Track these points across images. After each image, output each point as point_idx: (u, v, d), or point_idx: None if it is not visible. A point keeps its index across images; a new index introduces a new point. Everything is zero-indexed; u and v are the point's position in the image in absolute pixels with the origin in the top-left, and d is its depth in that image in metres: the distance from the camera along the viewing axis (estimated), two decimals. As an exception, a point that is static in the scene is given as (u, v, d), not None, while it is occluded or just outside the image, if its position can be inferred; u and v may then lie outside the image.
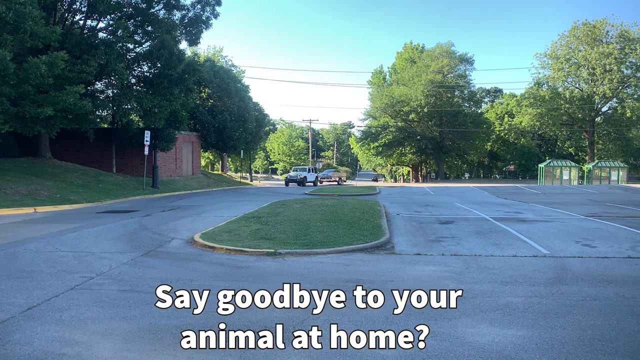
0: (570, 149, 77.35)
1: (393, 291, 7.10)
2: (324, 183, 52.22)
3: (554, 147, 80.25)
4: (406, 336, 5.24)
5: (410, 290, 7.16)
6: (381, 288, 7.26)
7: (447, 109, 67.63)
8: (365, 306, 6.34)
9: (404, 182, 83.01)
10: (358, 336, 5.25)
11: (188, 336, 5.17)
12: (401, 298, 6.73)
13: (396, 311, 6.13)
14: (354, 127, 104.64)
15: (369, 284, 7.46)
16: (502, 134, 79.56)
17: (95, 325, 5.53)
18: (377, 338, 5.20)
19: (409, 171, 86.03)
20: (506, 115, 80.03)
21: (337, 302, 6.53)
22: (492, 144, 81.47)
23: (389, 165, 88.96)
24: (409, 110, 66.66)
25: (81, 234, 12.23)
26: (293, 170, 48.56)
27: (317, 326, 5.55)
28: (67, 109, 20.92)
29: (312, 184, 46.78)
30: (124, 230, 13.00)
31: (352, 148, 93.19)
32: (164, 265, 8.80)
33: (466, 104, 73.58)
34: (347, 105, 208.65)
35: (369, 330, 5.42)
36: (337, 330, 5.42)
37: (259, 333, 5.33)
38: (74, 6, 26.59)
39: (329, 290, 7.13)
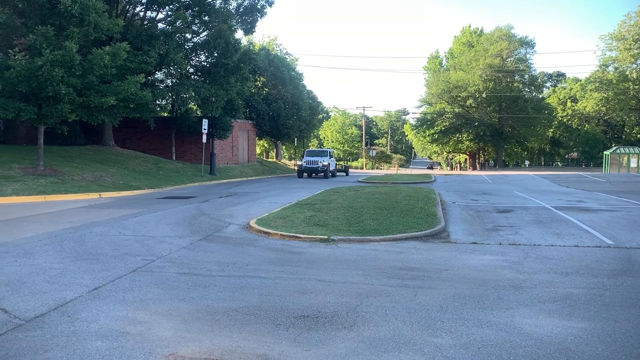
0: (638, 135, 73.28)
1: (448, 279, 7.01)
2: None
3: (621, 134, 76.18)
4: (461, 325, 5.17)
5: (465, 278, 7.07)
6: (436, 276, 7.18)
7: (507, 94, 65.44)
8: (418, 294, 6.29)
9: (460, 170, 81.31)
10: (412, 323, 5.23)
11: (243, 318, 5.32)
12: (456, 286, 6.64)
13: (451, 299, 6.05)
14: (408, 113, 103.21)
15: (423, 272, 7.39)
16: (564, 120, 76.33)
17: (155, 305, 5.76)
18: (432, 326, 5.15)
19: (466, 159, 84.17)
20: (569, 100, 76.64)
21: (390, 289, 6.52)
22: (554, 131, 78.33)
23: (445, 153, 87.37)
24: (466, 96, 65.01)
25: (143, 218, 12.72)
26: (309, 155, 34.35)
27: (370, 313, 5.57)
28: (128, 99, 21.68)
29: (331, 174, 34.23)
30: (183, 215, 13.42)
31: (407, 135, 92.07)
32: (221, 250, 9.03)
33: (526, 89, 70.88)
34: (402, 92, 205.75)
35: (423, 318, 5.38)
36: (390, 317, 5.41)
37: (312, 318, 5.40)
38: (135, -2, 27.45)
39: (382, 277, 7.13)
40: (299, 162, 34.45)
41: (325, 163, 32.04)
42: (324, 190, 20.14)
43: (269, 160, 56.77)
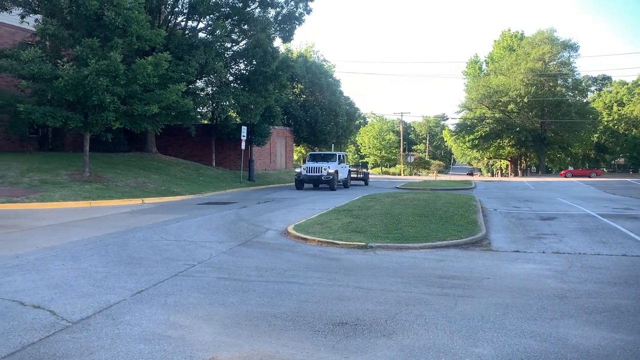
0: (691, 140, 70.12)
1: (489, 288, 6.86)
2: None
3: (672, 138, 73.06)
4: (503, 335, 5.05)
5: (507, 287, 6.90)
6: (476, 285, 7.04)
7: (549, 98, 63.76)
8: (458, 302, 6.18)
9: (501, 176, 79.66)
10: (452, 332, 5.14)
11: (282, 324, 5.34)
12: (497, 295, 6.49)
13: (492, 308, 5.91)
14: (447, 119, 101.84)
15: (464, 281, 7.26)
16: (610, 125, 73.80)
17: (196, 310, 5.85)
18: (472, 336, 5.05)
19: (507, 165, 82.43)
20: (615, 105, 74.10)
21: (430, 297, 6.43)
22: (599, 136, 75.78)
23: (485, 159, 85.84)
24: (507, 101, 63.71)
25: (184, 224, 12.96)
26: (312, 160, 27.58)
27: (409, 321, 5.50)
28: (170, 107, 22.18)
29: (342, 184, 27.60)
30: (223, 220, 13.61)
31: (446, 141, 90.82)
32: (259, 255, 9.10)
33: (570, 93, 68.90)
34: (441, 97, 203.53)
35: (463, 328, 5.28)
36: (430, 326, 5.33)
37: (351, 325, 5.37)
38: (176, 8, 28.11)
39: (421, 285, 7.04)
40: (297, 170, 26.63)
41: (332, 170, 25.17)
42: (362, 196, 20.08)
43: (307, 166, 56.96)
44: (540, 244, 10.20)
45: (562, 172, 61.82)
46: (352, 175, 30.99)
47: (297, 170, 26.82)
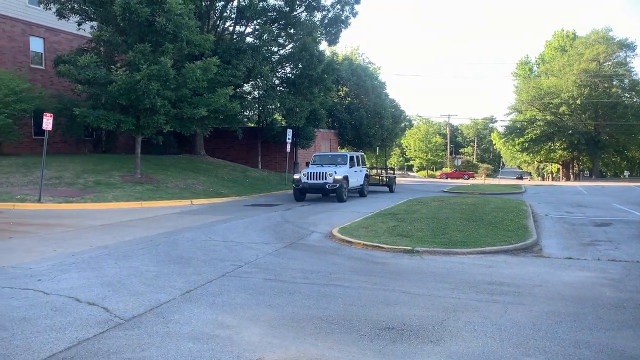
0: None
1: (541, 296, 6.65)
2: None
3: None
4: (556, 345, 4.88)
5: (560, 295, 6.67)
6: (527, 292, 6.84)
7: (604, 100, 61.34)
8: (508, 310, 6.01)
9: (552, 180, 77.24)
10: (502, 340, 5.00)
11: (328, 327, 5.34)
12: (549, 303, 6.28)
13: (545, 317, 5.72)
14: (496, 121, 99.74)
15: (514, 288, 7.07)
16: (671, 127, 70.27)
17: (243, 310, 5.92)
18: (524, 344, 4.90)
19: (558, 169, 79.84)
20: (677, 106, 70.47)
21: (478, 303, 6.28)
22: (660, 139, 72.28)
23: (535, 163, 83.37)
24: (559, 103, 61.67)
25: (231, 225, 13.17)
26: (316, 162, 21.79)
27: (457, 328, 5.39)
28: (218, 110, 22.62)
29: (358, 192, 22.68)
30: (268, 222, 13.75)
31: (495, 144, 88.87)
32: (305, 257, 9.14)
33: (627, 95, 66.02)
34: (489, 99, 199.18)
35: (514, 336, 5.13)
36: (479, 333, 5.21)
37: (398, 330, 5.31)
38: (225, 14, 28.67)
39: (469, 291, 6.89)
40: (296, 176, 20.62)
41: (339, 176, 19.63)
42: (407, 199, 19.88)
43: (351, 169, 56.89)
44: (594, 251, 9.81)
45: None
46: (372, 181, 26.21)
47: (296, 176, 19.93)
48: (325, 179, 19.69)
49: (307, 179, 19.88)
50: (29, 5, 25.31)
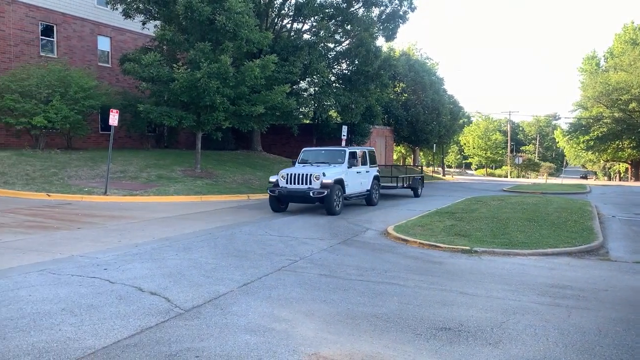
0: None
1: (607, 301, 6.34)
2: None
3: None
4: (625, 353, 4.64)
5: (628, 301, 6.34)
6: (592, 297, 6.54)
7: (679, 96, 57.69)
8: (572, 314, 5.77)
9: (620, 180, 73.49)
10: (565, 345, 4.81)
11: (383, 325, 5.31)
12: (617, 309, 5.98)
13: (611, 323, 5.46)
14: (559, 118, 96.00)
15: (578, 291, 6.78)
16: None
17: (299, 305, 5.97)
18: (588, 351, 4.69)
19: (626, 168, 75.82)
20: None
21: (540, 307, 6.07)
22: None
23: (601, 162, 79.60)
24: (628, 99, 58.49)
25: (287, 220, 13.32)
26: (305, 160, 16.58)
27: (517, 331, 5.23)
28: (275, 107, 22.91)
29: (365, 199, 17.32)
30: (323, 218, 13.80)
31: (558, 142, 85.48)
32: (359, 254, 9.12)
33: (703, 90, 61.84)
34: (552, 95, 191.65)
35: (578, 342, 4.92)
36: (540, 337, 5.03)
37: (455, 331, 5.21)
38: (282, 11, 28.95)
39: (530, 293, 6.67)
40: (272, 179, 15.61)
41: (328, 180, 14.36)
42: (465, 198, 19.44)
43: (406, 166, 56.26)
44: (668, 256, 9.26)
45: None
46: (387, 182, 20.99)
47: (272, 178, 15.30)
48: (310, 184, 14.25)
49: (287, 183, 14.53)
50: (98, 6, 26.48)
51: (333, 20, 27.82)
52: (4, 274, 6.98)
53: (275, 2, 27.90)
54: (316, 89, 30.11)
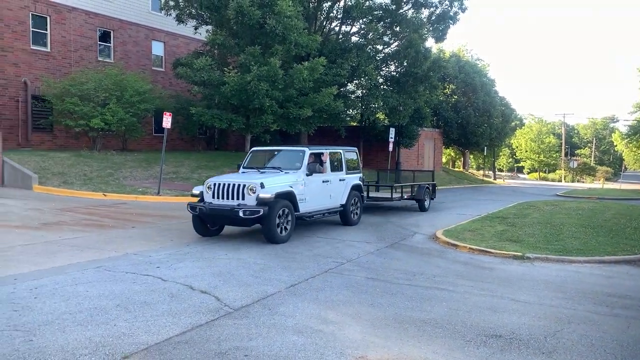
0: None
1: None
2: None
3: None
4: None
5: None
6: (655, 308, 6.23)
7: None
8: (631, 325, 5.51)
9: (683, 185, 69.72)
10: (624, 358, 4.60)
11: (432, 330, 5.23)
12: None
13: (676, 337, 5.18)
14: (618, 121, 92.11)
15: (638, 301, 6.48)
16: None
17: (345, 307, 5.96)
18: (651, 365, 4.48)
19: (691, 173, 71.93)
20: None
21: (596, 316, 5.83)
22: None
23: (663, 166, 75.83)
24: (693, 100, 55.57)
25: (333, 223, 13.32)
26: (247, 169, 11.84)
27: (572, 341, 5.04)
28: (322, 110, 23.01)
29: (338, 214, 12.58)
30: (370, 221, 13.73)
31: (616, 145, 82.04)
32: (407, 258, 9.02)
33: None
34: (610, 97, 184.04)
35: (638, 354, 4.70)
36: (597, 348, 4.83)
37: (506, 338, 5.08)
38: (331, 14, 29.03)
39: (586, 302, 6.42)
40: (196, 190, 10.99)
41: (267, 195, 9.72)
42: (517, 203, 18.92)
43: (456, 169, 55.29)
44: None
45: None
46: (380, 194, 16.70)
47: (196, 189, 11.00)
48: (241, 198, 9.82)
49: (213, 197, 10.17)
50: (152, 12, 27.34)
51: (382, 22, 27.66)
52: (63, 270, 7.30)
53: (323, 5, 28.02)
54: (364, 91, 30.00)
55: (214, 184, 10.26)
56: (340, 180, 12.41)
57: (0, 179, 16.96)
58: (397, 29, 27.89)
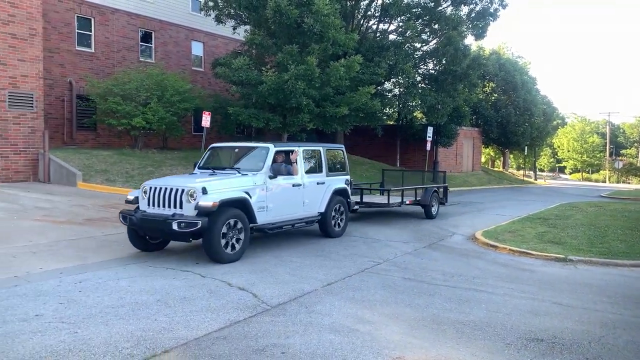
0: None
1: None
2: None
3: None
4: None
5: None
6: None
7: None
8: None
9: None
10: (675, 368, 4.42)
11: (470, 332, 5.15)
12: None
13: None
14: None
15: (690, 308, 6.21)
16: None
17: (382, 307, 5.93)
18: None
19: None
20: None
21: (645, 323, 5.62)
22: None
23: None
24: None
25: (368, 221, 13.26)
26: (202, 169, 9.80)
27: (618, 347, 4.88)
28: (359, 108, 22.90)
29: (321, 229, 10.64)
30: (407, 221, 13.61)
31: (664, 145, 78.79)
32: (445, 259, 8.90)
33: None
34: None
35: (691, 364, 4.51)
36: (646, 356, 4.66)
37: (548, 343, 4.95)
38: (369, 12, 28.89)
39: (633, 307, 6.19)
40: (130, 196, 8.80)
41: (207, 203, 7.65)
42: (559, 204, 18.43)
43: (495, 169, 54.25)
44: None
45: None
46: (376, 199, 14.48)
47: (131, 195, 8.88)
48: (176, 206, 7.96)
49: (149, 203, 8.27)
50: (192, 13, 27.78)
51: (420, 20, 27.37)
52: (107, 265, 7.51)
53: (361, 3, 27.91)
54: (401, 89, 29.75)
55: (150, 188, 8.25)
56: (318, 183, 10.33)
57: (46, 176, 17.56)
58: (436, 26, 27.54)
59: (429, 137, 28.21)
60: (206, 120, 17.72)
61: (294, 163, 9.69)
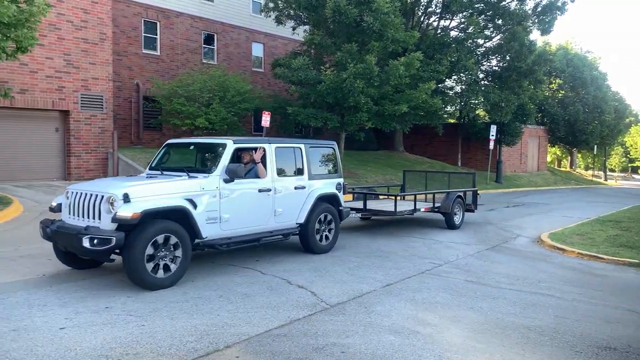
0: None
1: None
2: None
3: None
4: None
5: None
6: None
7: None
8: None
9: None
10: None
11: (537, 339, 4.95)
12: None
13: None
14: None
15: None
16: None
17: (444, 310, 5.80)
18: None
19: None
20: None
21: None
22: None
23: None
24: None
25: (429, 222, 13.05)
26: (153, 170, 8.01)
27: (703, 360, 4.55)
28: (419, 106, 22.56)
29: (302, 243, 8.71)
30: (469, 222, 13.28)
31: None
32: (509, 262, 8.62)
33: None
34: None
35: None
36: None
37: (621, 352, 4.69)
38: (429, 9, 28.43)
39: None
40: (54, 202, 7.10)
41: (127, 214, 5.96)
42: (633, 206, 17.47)
43: (561, 169, 52.04)
44: None
45: None
46: (380, 206, 11.74)
47: (55, 202, 7.13)
48: (94, 217, 6.34)
49: (69, 212, 6.72)
50: (252, 14, 28.28)
51: (482, 15, 26.66)
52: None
53: (421, 0, 27.52)
54: (463, 86, 29.08)
55: (72, 193, 6.72)
56: (297, 188, 8.39)
57: (115, 174, 18.37)
58: (499, 21, 26.75)
59: (492, 135, 27.44)
60: (266, 120, 17.99)
61: (259, 163, 7.78)
